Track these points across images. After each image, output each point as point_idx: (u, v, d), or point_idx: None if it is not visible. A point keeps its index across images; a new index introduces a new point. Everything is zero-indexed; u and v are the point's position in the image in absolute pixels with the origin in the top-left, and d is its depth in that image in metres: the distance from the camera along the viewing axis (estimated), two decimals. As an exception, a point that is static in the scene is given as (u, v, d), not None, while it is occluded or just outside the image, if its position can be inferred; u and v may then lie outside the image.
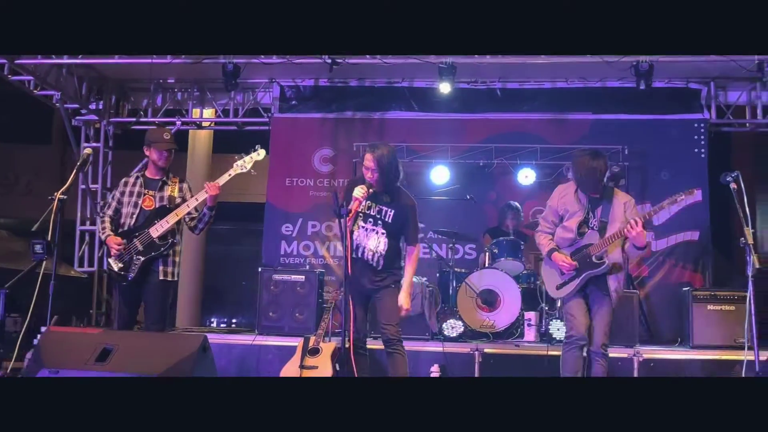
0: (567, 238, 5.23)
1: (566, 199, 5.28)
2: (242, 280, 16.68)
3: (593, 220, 5.17)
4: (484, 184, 9.10)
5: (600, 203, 5.19)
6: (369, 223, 5.08)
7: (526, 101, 9.34)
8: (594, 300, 5.23)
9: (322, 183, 9.50)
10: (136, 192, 5.55)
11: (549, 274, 5.38)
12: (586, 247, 5.16)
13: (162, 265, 5.46)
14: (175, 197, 5.55)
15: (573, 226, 5.20)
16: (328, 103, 9.62)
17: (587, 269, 5.14)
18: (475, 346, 6.70)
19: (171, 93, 10.00)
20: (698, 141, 9.07)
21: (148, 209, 5.49)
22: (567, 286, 5.23)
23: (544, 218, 5.42)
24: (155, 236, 5.39)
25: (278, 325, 7.30)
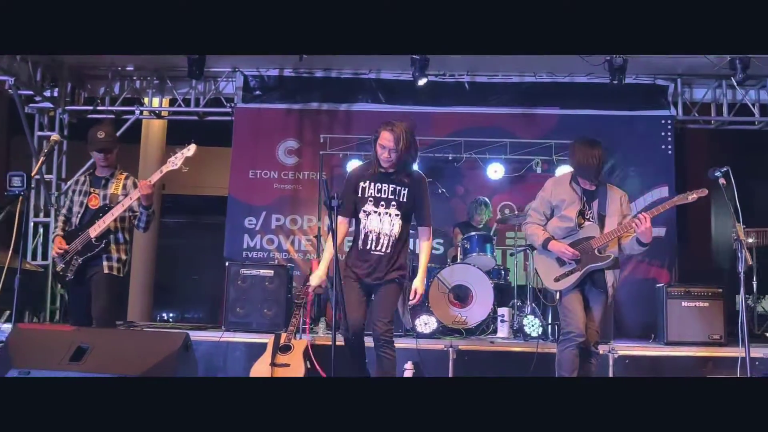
0: (564, 228, 5.03)
1: (561, 189, 5.09)
2: (194, 274, 16.47)
3: (589, 212, 5.02)
4: (453, 178, 9.00)
5: (596, 196, 5.04)
6: (381, 206, 4.79)
7: (495, 95, 9.29)
8: (590, 295, 5.08)
9: (287, 175, 9.28)
10: (84, 191, 5.49)
11: (546, 264, 5.13)
12: (586, 240, 4.99)
13: (106, 261, 5.37)
14: (117, 195, 5.43)
15: (572, 215, 5.00)
16: (294, 94, 9.41)
17: (590, 262, 4.95)
18: (449, 343, 6.57)
19: (129, 81, 9.66)
20: (665, 137, 9.14)
21: (93, 208, 5.42)
22: (567, 278, 5.01)
23: (535, 210, 5.21)
24: (92, 236, 5.31)
25: (246, 321, 7.05)
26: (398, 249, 4.81)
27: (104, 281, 5.31)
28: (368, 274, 4.80)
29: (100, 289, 5.30)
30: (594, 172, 4.96)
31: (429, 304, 7.23)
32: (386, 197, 4.78)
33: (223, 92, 9.63)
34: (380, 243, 4.76)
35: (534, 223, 5.19)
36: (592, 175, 4.98)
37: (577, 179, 5.07)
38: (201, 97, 9.60)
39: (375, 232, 4.77)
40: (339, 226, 4.75)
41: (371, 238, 4.76)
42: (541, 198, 5.18)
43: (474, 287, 7.32)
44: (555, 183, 5.20)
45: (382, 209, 4.78)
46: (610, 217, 4.98)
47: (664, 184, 9.01)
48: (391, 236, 4.76)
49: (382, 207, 4.78)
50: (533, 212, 5.23)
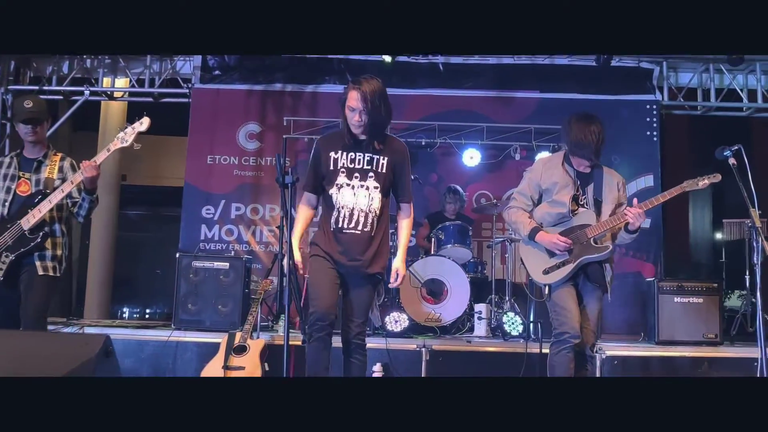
0: (556, 214, 4.43)
1: (554, 171, 4.46)
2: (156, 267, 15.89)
3: (584, 198, 4.43)
4: (426, 164, 8.50)
5: (591, 179, 4.46)
6: (356, 179, 4.06)
7: (471, 77, 8.78)
8: (584, 291, 4.48)
9: (248, 161, 8.68)
10: (10, 175, 4.62)
11: (533, 255, 4.50)
12: (581, 228, 4.38)
13: (39, 260, 4.56)
14: (53, 179, 4.61)
15: (565, 200, 4.38)
16: (255, 74, 8.82)
17: (585, 253, 4.36)
18: (422, 343, 6.00)
19: (79, 59, 9.01)
20: (650, 123, 8.72)
21: (23, 195, 4.58)
22: (558, 271, 4.39)
23: (521, 193, 4.58)
24: (26, 228, 4.48)
25: (198, 318, 6.42)
26: (377, 229, 4.10)
27: (38, 283, 4.54)
28: (342, 254, 4.06)
29: (32, 291, 4.53)
30: (593, 150, 4.35)
31: (400, 300, 6.67)
32: (361, 167, 4.07)
33: (180, 72, 9.06)
34: (354, 220, 4.04)
35: (519, 209, 4.57)
36: (591, 153, 4.36)
37: (570, 160, 4.48)
38: (156, 77, 8.99)
39: (348, 207, 4.05)
40: (303, 209, 4.18)
41: (343, 214, 4.05)
42: (529, 180, 4.56)
43: (449, 281, 6.79)
44: (546, 163, 4.58)
45: (357, 181, 4.06)
46: (606, 204, 4.42)
47: (649, 172, 8.56)
48: (369, 212, 4.05)
49: (357, 179, 4.06)
50: (519, 195, 4.60)
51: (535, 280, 4.51)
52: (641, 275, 8.26)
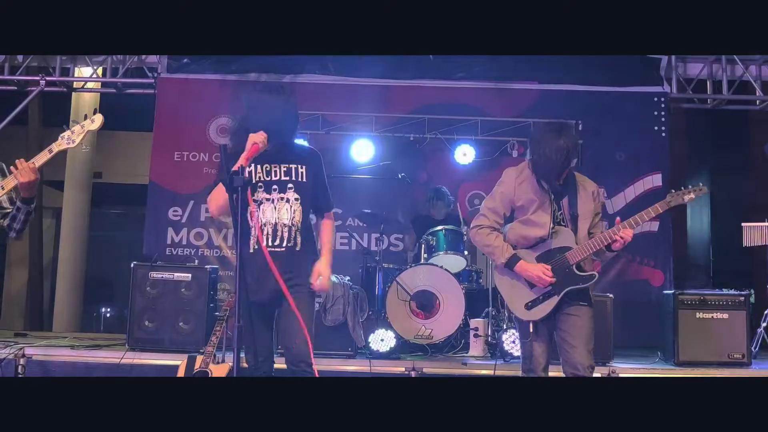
0: (533, 237, 3.96)
1: (525, 186, 3.97)
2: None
3: (560, 213, 3.97)
4: (415, 162, 7.86)
5: (565, 192, 3.98)
6: (274, 192, 3.71)
7: (463, 67, 8.18)
8: (569, 312, 3.93)
9: (219, 158, 7.88)
10: None
11: (513, 287, 4.02)
12: (560, 252, 3.91)
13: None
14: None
15: (544, 221, 3.92)
16: (228, 63, 8.13)
17: (570, 283, 3.88)
18: (411, 365, 5.32)
19: (35, 46, 8.19)
20: (658, 117, 8.16)
21: None
22: (543, 306, 3.92)
23: (491, 210, 4.04)
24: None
25: (156, 337, 5.66)
26: (307, 236, 3.76)
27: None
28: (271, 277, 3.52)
29: None
30: (558, 170, 3.87)
31: (386, 314, 5.96)
32: (278, 179, 3.75)
33: (146, 61, 8.39)
34: (278, 237, 3.67)
35: (490, 229, 4.03)
36: (556, 173, 3.88)
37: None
38: (120, 66, 8.28)
39: (270, 224, 3.68)
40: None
41: (266, 231, 3.67)
42: (501, 195, 4.03)
43: (441, 293, 6.11)
44: (518, 177, 4.03)
45: (276, 195, 3.72)
46: (583, 218, 3.98)
47: (657, 170, 7.92)
48: (293, 226, 3.70)
49: (275, 192, 3.73)
50: (489, 213, 4.04)
51: (517, 315, 4.01)
52: (649, 284, 7.69)
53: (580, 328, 3.89)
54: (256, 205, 3.67)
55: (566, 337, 3.90)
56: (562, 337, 3.94)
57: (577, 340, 3.87)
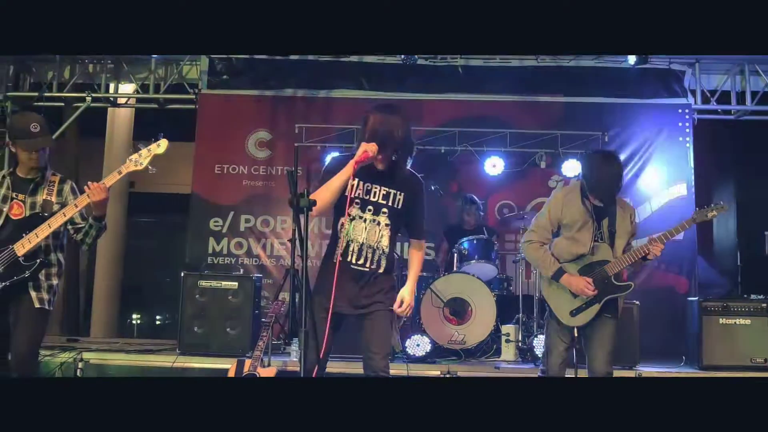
0: (576, 253, 4.42)
1: (573, 207, 4.44)
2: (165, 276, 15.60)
3: (599, 232, 4.44)
4: (446, 174, 8.04)
5: (606, 213, 4.44)
6: (369, 212, 3.76)
7: (492, 80, 8.37)
8: (596, 324, 4.43)
9: (258, 171, 8.28)
10: (2, 196, 4.15)
11: (556, 295, 4.47)
12: (599, 265, 4.40)
13: (34, 290, 4.11)
14: (52, 203, 4.15)
15: (586, 239, 4.39)
16: (265, 79, 8.43)
17: (609, 292, 4.39)
18: (446, 369, 5.59)
19: (81, 64, 8.65)
20: (682, 128, 8.31)
21: (16, 218, 4.12)
22: (585, 313, 4.39)
23: (540, 227, 4.50)
24: (20, 255, 4.03)
25: (205, 342, 6.00)
26: (390, 261, 3.83)
27: (33, 316, 4.11)
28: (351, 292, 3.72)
29: (26, 325, 4.09)
30: (611, 192, 4.37)
31: (421, 320, 6.22)
32: (376, 201, 3.78)
33: (187, 77, 8.69)
34: (363, 257, 3.76)
35: (539, 244, 4.49)
36: (610, 196, 4.39)
37: (588, 195, 4.45)
38: (162, 82, 8.62)
39: (357, 242, 3.76)
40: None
41: (352, 249, 3.75)
42: (550, 214, 4.50)
43: (473, 300, 6.35)
44: (565, 197, 4.51)
45: (370, 215, 3.77)
46: (620, 237, 4.46)
47: (682, 180, 8.11)
48: (378, 249, 3.77)
49: (370, 212, 3.77)
50: (539, 229, 4.51)
51: (563, 321, 4.44)
52: (674, 291, 7.85)
53: (603, 339, 4.38)
54: (348, 219, 3.73)
55: (592, 346, 4.40)
56: (588, 346, 4.41)
57: (599, 349, 4.37)
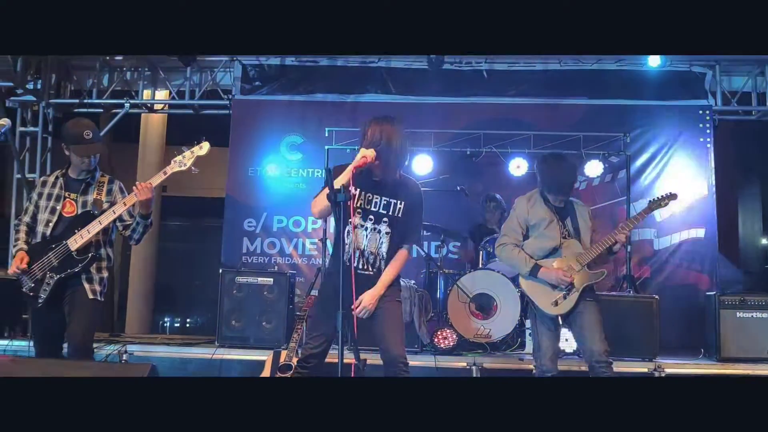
0: (546, 248, 4.77)
1: (538, 208, 4.84)
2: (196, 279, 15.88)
3: (565, 230, 4.81)
4: (471, 175, 8.20)
5: (567, 212, 4.86)
6: (370, 221, 4.02)
7: (515, 84, 8.58)
8: (579, 310, 4.69)
9: (290, 173, 8.56)
10: (55, 195, 4.49)
11: (539, 290, 4.75)
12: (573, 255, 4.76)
13: (87, 283, 4.42)
14: (101, 201, 4.48)
15: (555, 233, 4.77)
16: (296, 84, 8.71)
17: (585, 280, 4.72)
18: (472, 360, 5.82)
19: (119, 72, 9.00)
20: (703, 129, 8.43)
21: (68, 216, 4.45)
22: (566, 302, 4.68)
23: (511, 229, 4.89)
24: (73, 249, 4.34)
25: (242, 335, 6.30)
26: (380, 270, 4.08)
27: (87, 306, 4.40)
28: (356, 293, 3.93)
29: (81, 315, 4.37)
30: (568, 186, 4.86)
31: (448, 315, 6.46)
32: (376, 210, 4.04)
33: (220, 83, 8.98)
34: (367, 262, 4.04)
35: (512, 245, 4.85)
36: (566, 189, 4.85)
37: (547, 197, 4.85)
38: (196, 88, 8.94)
39: (360, 249, 4.02)
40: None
41: (357, 255, 4.01)
42: (518, 217, 4.90)
43: (498, 296, 6.55)
44: (529, 202, 4.91)
45: (370, 224, 4.03)
46: (584, 232, 4.83)
47: (703, 180, 8.26)
48: (379, 255, 4.05)
49: (370, 221, 4.03)
50: (510, 232, 4.90)
51: (546, 312, 4.70)
52: (696, 288, 7.99)
53: (591, 322, 4.62)
54: (351, 228, 3.96)
55: (582, 331, 4.65)
56: (577, 332, 4.72)
57: (589, 331, 4.61)
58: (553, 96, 8.48)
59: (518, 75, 8.55)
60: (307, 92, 8.67)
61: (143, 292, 11.00)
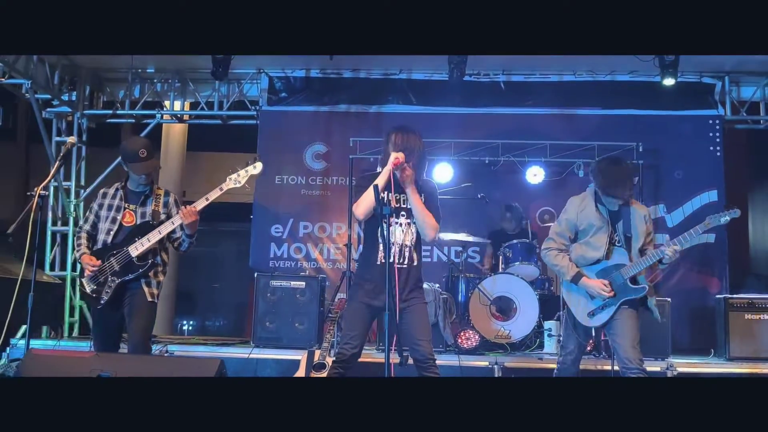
0: (592, 257, 4.70)
1: (588, 212, 4.73)
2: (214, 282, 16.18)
3: (616, 236, 4.69)
4: (490, 183, 8.46)
5: (620, 216, 4.72)
6: (402, 217, 4.41)
7: (532, 95, 8.86)
8: (615, 318, 4.65)
9: (315, 181, 8.89)
10: (116, 206, 4.87)
11: (576, 298, 4.78)
12: (616, 268, 4.66)
13: (146, 286, 4.80)
14: (159, 212, 4.86)
15: (601, 243, 4.66)
16: (321, 96, 9.04)
17: (625, 294, 4.62)
18: (494, 360, 6.14)
19: (150, 84, 9.33)
20: (713, 138, 8.70)
21: (128, 225, 4.84)
22: (602, 314, 4.65)
23: (558, 234, 4.82)
24: (134, 255, 4.72)
25: (276, 336, 6.65)
26: (417, 258, 4.45)
27: (146, 308, 4.79)
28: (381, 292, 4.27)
29: (140, 316, 4.75)
30: (626, 189, 4.67)
31: (470, 317, 6.79)
32: (406, 207, 4.42)
33: (247, 95, 9.30)
34: (402, 255, 4.38)
35: (558, 251, 4.80)
36: (624, 192, 4.67)
37: (602, 200, 4.74)
38: (224, 100, 9.26)
39: (398, 244, 4.36)
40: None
41: (394, 250, 4.34)
42: (566, 221, 4.81)
43: (517, 299, 6.89)
44: (579, 204, 4.82)
45: (403, 219, 4.41)
46: (636, 239, 4.69)
47: (713, 187, 8.54)
48: (409, 246, 4.40)
49: (403, 217, 4.41)
50: (557, 237, 4.82)
51: (581, 322, 4.74)
52: (707, 290, 8.27)
53: (625, 329, 4.56)
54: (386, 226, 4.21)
55: (615, 338, 4.61)
56: (612, 339, 4.68)
57: (622, 339, 4.55)
58: (568, 107, 8.75)
59: (534, 86, 8.84)
60: (332, 103, 8.98)
61: (165, 295, 11.10)
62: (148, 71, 9.19)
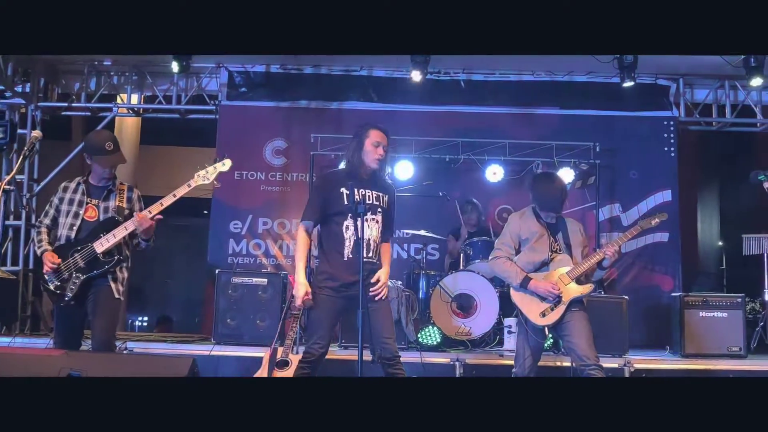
0: (536, 262, 4.94)
1: (530, 223, 5.02)
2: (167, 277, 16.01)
3: (557, 245, 4.98)
4: (450, 180, 8.53)
5: (558, 228, 5.03)
6: (379, 214, 4.56)
7: (492, 94, 8.96)
8: (568, 320, 4.86)
9: (275, 177, 8.85)
10: (77, 200, 4.77)
11: (527, 301, 4.93)
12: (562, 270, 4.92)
13: (113, 282, 4.74)
14: (123, 208, 4.78)
15: (544, 247, 4.93)
16: (281, 91, 8.99)
17: (572, 294, 4.85)
18: (455, 356, 6.18)
19: (107, 76, 9.18)
20: (668, 139, 8.91)
21: (90, 220, 4.75)
22: (553, 313, 4.85)
23: (504, 243, 5.06)
24: (100, 251, 4.65)
25: (238, 333, 6.60)
26: (380, 254, 4.58)
27: (111, 304, 4.72)
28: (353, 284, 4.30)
29: (105, 312, 4.69)
30: (559, 203, 5.03)
31: (431, 314, 6.83)
32: (372, 203, 4.54)
33: (206, 89, 9.21)
34: (371, 250, 4.48)
35: (505, 258, 5.01)
36: (558, 206, 5.02)
37: (539, 213, 5.04)
38: (183, 94, 9.16)
39: (366, 239, 4.41)
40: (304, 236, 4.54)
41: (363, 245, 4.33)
42: (510, 233, 5.06)
43: (478, 296, 6.94)
44: (521, 217, 5.10)
45: (369, 215, 4.48)
46: (575, 247, 4.98)
47: (667, 187, 8.73)
48: (375, 241, 4.52)
49: (369, 213, 4.49)
50: (503, 246, 5.06)
51: (534, 323, 4.89)
52: (660, 288, 8.47)
53: (579, 329, 4.78)
54: (352, 222, 4.40)
55: (571, 338, 4.80)
56: (567, 340, 4.87)
57: (578, 338, 4.75)
58: (527, 106, 8.86)
59: (494, 85, 8.93)
60: (292, 99, 8.94)
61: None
62: (105, 63, 9.05)
